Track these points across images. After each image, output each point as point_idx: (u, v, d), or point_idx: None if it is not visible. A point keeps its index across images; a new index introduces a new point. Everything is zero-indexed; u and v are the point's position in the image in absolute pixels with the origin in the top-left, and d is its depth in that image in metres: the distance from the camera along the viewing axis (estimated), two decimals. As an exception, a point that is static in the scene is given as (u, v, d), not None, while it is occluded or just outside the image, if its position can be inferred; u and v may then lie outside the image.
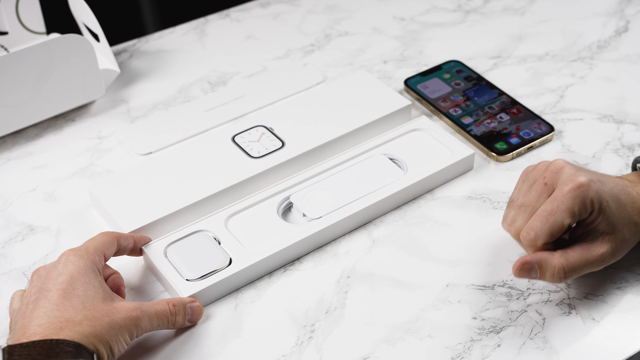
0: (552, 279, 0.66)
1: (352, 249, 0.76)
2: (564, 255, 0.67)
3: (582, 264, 0.67)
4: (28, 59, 0.86)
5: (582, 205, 0.66)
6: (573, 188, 0.65)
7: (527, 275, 0.67)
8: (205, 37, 1.06)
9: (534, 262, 0.66)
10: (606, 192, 0.67)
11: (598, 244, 0.67)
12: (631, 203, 0.68)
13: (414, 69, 0.98)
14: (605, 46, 1.00)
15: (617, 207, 0.67)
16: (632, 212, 0.68)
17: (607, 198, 0.67)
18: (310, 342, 0.68)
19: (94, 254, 0.67)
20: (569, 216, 0.65)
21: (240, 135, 0.85)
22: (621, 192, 0.68)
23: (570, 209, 0.65)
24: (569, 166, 0.68)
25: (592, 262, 0.67)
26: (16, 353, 0.57)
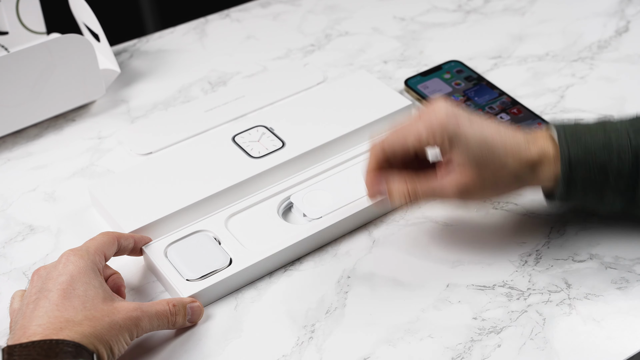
0: (399, 199, 0.71)
1: (353, 249, 0.76)
2: (411, 181, 0.71)
3: (427, 189, 0.70)
4: (28, 59, 0.86)
5: (430, 133, 0.69)
6: (429, 115, 0.69)
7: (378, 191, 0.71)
8: (206, 37, 1.06)
9: (382, 189, 0.71)
10: (469, 131, 0.68)
11: (447, 175, 0.70)
12: (510, 149, 0.69)
13: (415, 69, 0.98)
14: (606, 46, 1.00)
15: (480, 147, 0.68)
16: (506, 158, 0.69)
17: (468, 136, 0.68)
18: (311, 342, 0.68)
19: (94, 254, 0.67)
20: (414, 138, 0.69)
21: (241, 135, 0.85)
22: (496, 136, 0.69)
23: (418, 132, 0.69)
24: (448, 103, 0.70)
25: (438, 191, 0.70)
26: (16, 353, 0.57)
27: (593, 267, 0.73)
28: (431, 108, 0.70)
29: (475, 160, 0.69)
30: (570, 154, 0.69)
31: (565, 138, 0.69)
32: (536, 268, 0.73)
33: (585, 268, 0.73)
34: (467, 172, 0.69)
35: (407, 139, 0.70)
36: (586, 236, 0.76)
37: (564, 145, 0.69)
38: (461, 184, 0.69)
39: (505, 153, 0.69)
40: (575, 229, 0.77)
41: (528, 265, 0.73)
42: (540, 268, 0.73)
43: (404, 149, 0.70)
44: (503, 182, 0.70)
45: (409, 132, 0.70)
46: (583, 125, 0.71)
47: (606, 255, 0.74)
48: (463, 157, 0.69)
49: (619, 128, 0.70)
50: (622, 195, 0.70)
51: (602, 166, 0.68)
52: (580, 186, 0.69)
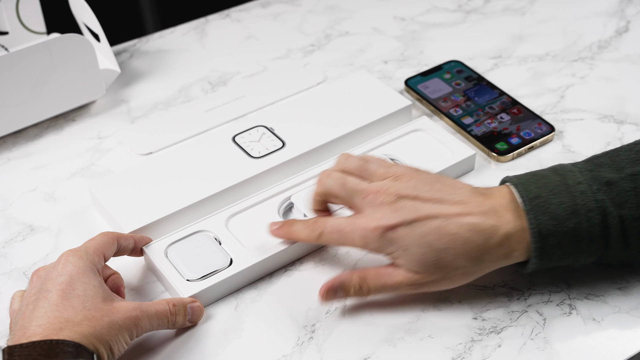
0: (356, 294, 0.68)
1: (352, 249, 0.76)
2: (363, 273, 0.68)
3: (379, 284, 0.68)
4: (28, 58, 0.86)
5: (366, 245, 0.67)
6: (365, 228, 0.66)
7: (334, 297, 0.69)
8: (206, 37, 1.06)
9: (336, 285, 0.68)
10: (411, 238, 0.65)
11: (397, 272, 0.67)
12: (462, 250, 0.65)
13: (415, 69, 0.98)
14: (606, 46, 1.00)
15: (425, 252, 0.65)
16: (457, 261, 0.65)
17: (409, 244, 0.65)
18: (311, 342, 0.68)
19: (93, 254, 0.67)
20: (351, 244, 0.68)
21: (241, 135, 0.85)
22: (442, 237, 0.65)
23: (353, 242, 0.68)
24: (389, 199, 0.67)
25: (390, 286, 0.68)
26: (16, 353, 0.57)
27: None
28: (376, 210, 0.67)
29: (421, 266, 0.66)
30: (540, 226, 0.65)
31: (532, 208, 0.65)
32: (536, 268, 0.73)
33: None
34: (415, 278, 0.67)
35: (345, 245, 0.69)
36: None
37: (532, 216, 0.65)
38: (412, 284, 0.67)
39: (455, 254, 0.65)
40: (576, 229, 0.77)
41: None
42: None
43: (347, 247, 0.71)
44: (461, 277, 0.67)
45: (347, 241, 0.68)
46: (544, 186, 0.66)
47: (606, 256, 0.74)
48: (408, 265, 0.67)
49: (582, 186, 0.66)
50: (594, 255, 0.67)
51: (573, 233, 0.65)
52: (553, 256, 0.66)
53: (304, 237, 0.71)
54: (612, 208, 0.65)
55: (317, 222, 0.70)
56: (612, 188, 0.66)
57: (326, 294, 0.69)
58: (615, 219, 0.65)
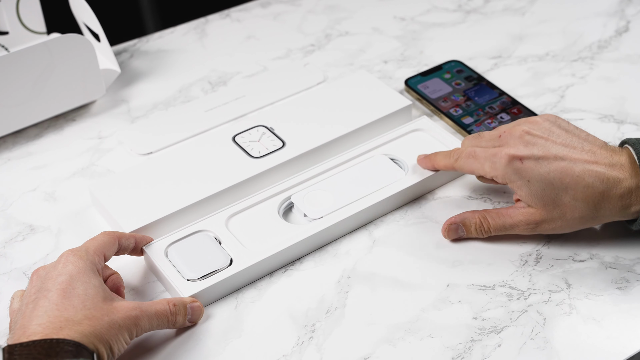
0: (477, 233, 0.74)
1: (353, 249, 0.76)
2: (484, 213, 0.74)
3: (499, 224, 0.73)
4: (28, 58, 0.86)
5: (493, 171, 0.72)
6: (496, 154, 0.71)
7: (455, 234, 0.75)
8: (206, 37, 1.06)
9: (458, 221, 0.74)
10: (535, 172, 0.70)
11: (517, 211, 0.72)
12: (581, 191, 0.69)
13: (415, 69, 0.98)
14: (606, 46, 1.00)
15: (545, 188, 0.70)
16: (575, 201, 0.69)
17: (532, 178, 0.70)
18: (311, 342, 0.68)
19: (93, 254, 0.67)
20: (480, 170, 0.73)
21: (241, 135, 0.85)
22: (565, 177, 0.69)
23: (482, 168, 0.73)
24: (523, 135, 0.71)
25: (509, 226, 0.73)
26: (16, 352, 0.57)
27: (593, 267, 0.73)
28: (508, 141, 0.72)
29: (540, 201, 0.70)
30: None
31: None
32: (536, 268, 0.73)
33: (585, 268, 0.73)
34: (534, 212, 0.71)
35: (473, 170, 0.74)
36: (586, 236, 0.76)
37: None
38: (530, 222, 0.72)
39: (575, 196, 0.69)
40: (576, 228, 0.77)
41: (528, 265, 0.73)
42: (541, 268, 0.73)
43: (469, 173, 0.76)
44: (578, 221, 0.71)
45: (477, 167, 0.73)
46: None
47: (606, 255, 0.74)
48: (527, 199, 0.71)
49: None
50: None
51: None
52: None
53: (443, 164, 0.77)
54: None
55: (455, 150, 0.76)
56: None
57: (448, 231, 0.75)
58: None
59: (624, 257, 0.74)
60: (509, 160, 0.71)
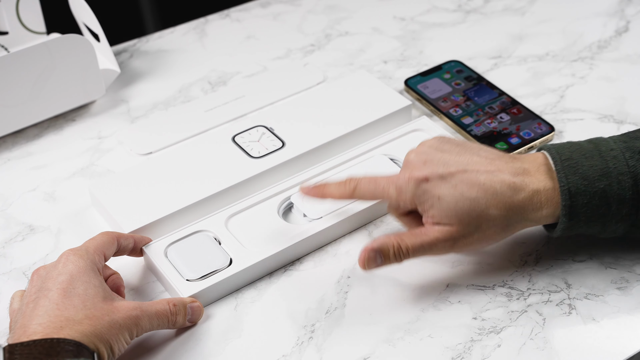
0: (395, 258, 0.69)
1: (353, 249, 0.76)
2: (400, 235, 0.69)
3: (417, 243, 0.68)
4: (28, 59, 0.86)
5: (400, 195, 0.69)
6: (400, 178, 0.69)
7: (374, 263, 0.69)
8: (206, 37, 1.06)
9: (375, 248, 0.69)
10: (443, 188, 0.67)
11: (432, 229, 0.68)
12: (493, 200, 0.67)
13: (414, 69, 0.98)
14: (606, 46, 1.00)
15: (457, 202, 0.67)
16: (489, 210, 0.67)
17: (442, 194, 0.67)
18: (311, 342, 0.68)
19: (94, 253, 0.67)
20: (383, 194, 0.70)
21: (241, 135, 0.85)
22: (472, 188, 0.67)
23: (387, 192, 0.69)
24: (419, 155, 0.70)
25: (427, 245, 0.68)
26: (17, 352, 0.57)
27: (593, 267, 0.73)
28: (408, 163, 0.70)
29: (454, 216, 0.67)
30: (570, 184, 0.67)
31: (563, 168, 0.67)
32: (536, 268, 0.73)
33: (585, 268, 0.73)
34: (449, 229, 0.68)
35: (376, 194, 0.70)
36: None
37: (562, 175, 0.67)
38: (447, 238, 0.68)
39: (486, 205, 0.67)
40: (575, 229, 0.77)
41: (528, 265, 0.73)
42: (540, 268, 0.73)
43: (372, 200, 0.72)
44: (493, 232, 0.68)
45: (380, 191, 0.70)
46: (577, 150, 0.68)
47: (606, 255, 0.74)
48: (441, 217, 0.68)
49: (615, 152, 0.68)
50: (624, 221, 0.68)
51: (603, 194, 0.67)
52: (582, 217, 0.67)
53: (338, 194, 0.72)
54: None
55: (351, 179, 0.72)
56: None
57: (367, 263, 0.69)
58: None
59: (623, 257, 0.74)
60: (415, 183, 0.68)
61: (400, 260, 0.69)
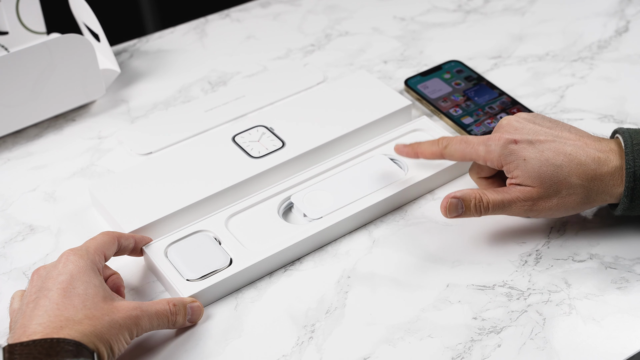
0: (475, 210, 0.73)
1: (353, 249, 0.76)
2: (483, 190, 0.73)
3: (497, 199, 0.72)
4: (28, 58, 0.86)
5: (488, 154, 0.72)
6: (490, 138, 0.73)
7: (455, 211, 0.73)
8: (206, 37, 1.06)
9: (458, 197, 0.73)
10: (530, 151, 0.71)
11: (514, 188, 0.72)
12: (575, 169, 0.71)
13: (414, 69, 0.98)
14: (606, 46, 1.00)
15: (541, 166, 0.71)
16: (570, 178, 0.71)
17: (528, 156, 0.71)
18: (311, 342, 0.68)
19: (94, 253, 0.67)
20: (473, 154, 0.73)
21: (241, 135, 0.85)
22: (558, 155, 0.71)
23: (476, 151, 0.73)
24: (511, 122, 0.74)
25: (508, 202, 0.72)
26: (17, 352, 0.57)
27: (593, 267, 0.73)
28: (499, 126, 0.74)
29: (537, 179, 0.71)
30: (636, 167, 0.70)
31: (633, 151, 0.70)
32: (536, 268, 0.73)
33: (585, 268, 0.73)
34: (530, 189, 0.71)
35: (468, 155, 0.74)
36: (586, 236, 0.76)
37: (630, 158, 0.70)
38: (527, 198, 0.72)
39: (570, 172, 0.71)
40: (575, 228, 0.77)
41: (528, 265, 0.73)
42: (540, 268, 0.73)
43: (461, 160, 0.75)
44: (571, 201, 0.72)
45: (470, 151, 0.74)
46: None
47: (606, 255, 0.74)
48: (524, 177, 0.71)
49: None
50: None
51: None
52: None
53: (430, 152, 0.76)
54: None
55: (443, 137, 0.76)
56: None
57: (449, 207, 0.73)
58: None
59: (624, 257, 0.74)
60: (504, 143, 0.72)
61: (479, 213, 0.73)
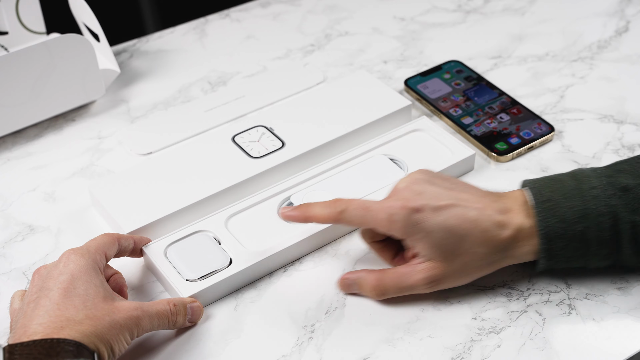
0: (372, 295, 0.70)
1: (352, 249, 0.76)
2: (381, 274, 0.69)
3: (397, 285, 0.69)
4: (28, 59, 0.86)
5: (390, 224, 0.67)
6: (392, 206, 0.67)
7: (349, 289, 0.71)
8: (206, 37, 1.06)
9: (353, 279, 0.71)
10: (434, 222, 0.66)
11: (416, 269, 0.68)
12: (480, 236, 0.67)
13: (414, 69, 0.98)
14: (606, 46, 1.00)
15: (446, 237, 0.66)
16: (474, 247, 0.67)
17: (432, 228, 0.66)
18: (310, 342, 0.68)
19: (95, 253, 0.67)
20: (373, 222, 0.68)
21: (241, 135, 0.85)
22: (463, 224, 0.66)
23: (376, 219, 0.67)
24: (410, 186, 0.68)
25: (408, 287, 0.69)
26: (17, 352, 0.57)
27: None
28: (394, 196, 0.68)
29: (441, 253, 0.67)
30: (547, 228, 0.67)
31: (542, 210, 0.67)
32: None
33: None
34: (434, 266, 0.68)
35: (367, 223, 0.68)
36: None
37: (541, 218, 0.67)
38: (431, 278, 0.68)
39: (474, 242, 0.67)
40: (575, 229, 0.77)
41: (528, 265, 0.73)
42: (540, 268, 0.73)
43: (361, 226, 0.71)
44: (476, 269, 0.69)
45: (371, 218, 0.68)
46: (558, 190, 0.68)
47: (606, 255, 0.74)
48: (427, 251, 0.67)
49: (596, 191, 0.67)
50: (606, 259, 0.69)
51: (582, 236, 0.67)
52: (562, 257, 0.68)
53: (323, 217, 0.69)
54: (624, 213, 0.66)
55: (338, 200, 0.69)
56: (627, 194, 0.67)
57: (343, 286, 0.71)
58: (627, 224, 0.66)
59: (623, 257, 0.74)
60: (408, 213, 0.66)
61: (378, 298, 0.70)
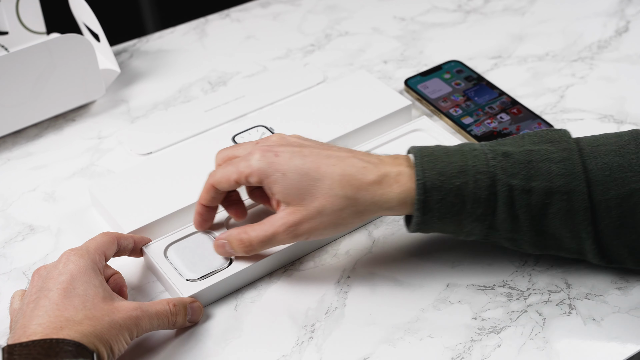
0: (242, 250, 0.70)
1: (352, 249, 0.76)
2: (246, 228, 0.69)
3: (260, 235, 0.68)
4: (28, 58, 0.86)
5: (247, 169, 0.67)
6: (251, 152, 0.68)
7: (223, 251, 0.71)
8: (206, 37, 1.06)
9: (223, 238, 0.71)
10: (290, 164, 0.66)
11: (276, 217, 0.68)
12: (339, 177, 0.66)
13: (414, 69, 0.98)
14: (606, 46, 1.00)
15: (300, 179, 0.66)
16: (333, 188, 0.66)
17: (287, 170, 0.66)
18: (311, 342, 0.68)
19: (94, 253, 0.67)
20: (235, 172, 0.68)
21: (241, 135, 0.85)
22: (321, 167, 0.66)
23: (237, 169, 0.68)
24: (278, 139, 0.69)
25: (271, 235, 0.68)
26: (16, 352, 0.57)
27: (593, 267, 0.73)
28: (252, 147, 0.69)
29: (297, 195, 0.66)
30: (426, 179, 0.66)
31: (422, 162, 0.67)
32: (536, 268, 0.73)
33: (585, 268, 0.73)
34: (292, 210, 0.67)
35: (230, 177, 0.69)
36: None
37: (420, 169, 0.66)
38: (289, 223, 0.67)
39: (332, 184, 0.66)
40: (575, 229, 0.77)
41: (528, 265, 0.73)
42: (540, 268, 0.73)
43: (230, 186, 0.70)
44: (341, 217, 0.67)
45: (232, 170, 0.68)
46: (441, 149, 0.68)
47: (606, 255, 0.74)
48: (283, 194, 0.66)
49: (477, 152, 0.67)
50: (479, 221, 0.67)
51: (458, 191, 0.66)
52: (436, 212, 0.67)
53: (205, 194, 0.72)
54: (502, 175, 0.66)
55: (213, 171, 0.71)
56: (507, 159, 0.67)
57: (216, 247, 0.72)
58: (505, 186, 0.66)
59: (623, 257, 0.74)
60: (262, 153, 0.67)
61: (248, 253, 0.70)
